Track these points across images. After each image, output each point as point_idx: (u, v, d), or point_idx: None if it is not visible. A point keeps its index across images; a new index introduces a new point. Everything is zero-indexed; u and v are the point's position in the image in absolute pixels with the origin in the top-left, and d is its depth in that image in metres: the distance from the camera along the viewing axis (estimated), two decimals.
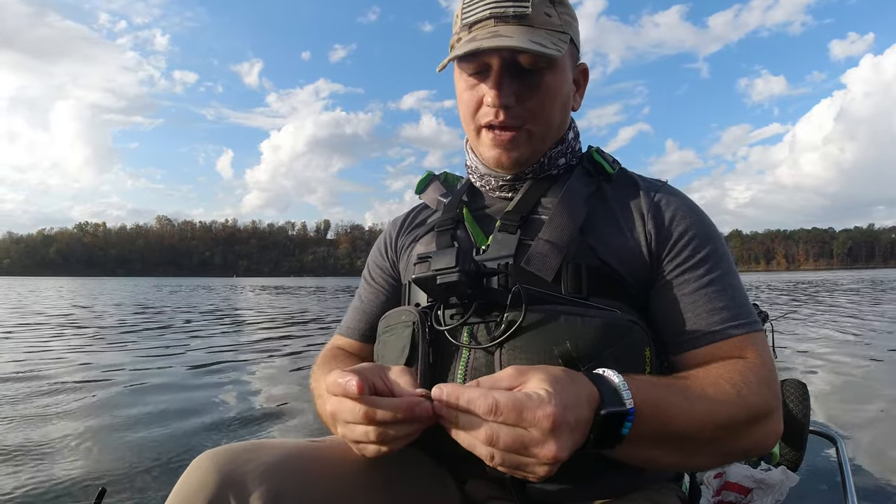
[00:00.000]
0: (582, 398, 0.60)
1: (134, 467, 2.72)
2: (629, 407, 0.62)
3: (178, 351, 7.00)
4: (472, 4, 0.88)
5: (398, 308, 0.92)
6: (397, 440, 0.66)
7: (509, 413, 0.56)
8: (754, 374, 0.75)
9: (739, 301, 0.84)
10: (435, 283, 0.77)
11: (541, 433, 0.55)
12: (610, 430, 0.62)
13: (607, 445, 0.63)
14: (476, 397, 0.57)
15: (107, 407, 3.97)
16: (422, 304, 0.89)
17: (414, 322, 0.84)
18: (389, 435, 0.65)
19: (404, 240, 1.08)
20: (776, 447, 1.45)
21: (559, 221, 0.86)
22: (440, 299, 0.84)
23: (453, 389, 0.59)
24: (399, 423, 0.64)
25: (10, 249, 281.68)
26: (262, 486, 0.66)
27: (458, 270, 0.75)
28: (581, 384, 0.62)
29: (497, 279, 0.81)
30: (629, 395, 0.63)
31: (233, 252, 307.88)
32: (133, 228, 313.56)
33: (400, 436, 0.65)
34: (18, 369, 5.43)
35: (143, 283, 59.89)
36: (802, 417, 1.43)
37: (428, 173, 1.14)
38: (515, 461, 0.58)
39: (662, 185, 0.96)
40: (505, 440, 0.56)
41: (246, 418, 3.76)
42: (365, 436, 0.66)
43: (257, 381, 5.12)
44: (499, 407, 0.56)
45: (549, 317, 0.75)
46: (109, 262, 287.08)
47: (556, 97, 0.89)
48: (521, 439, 0.56)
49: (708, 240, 0.87)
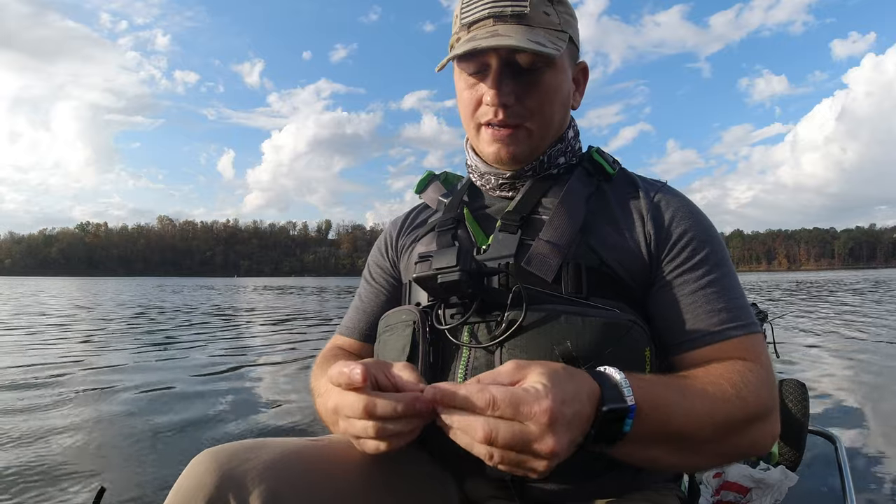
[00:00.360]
0: (581, 393, 0.60)
1: (133, 466, 2.73)
2: (630, 404, 0.62)
3: (179, 351, 7.01)
4: (471, 4, 0.88)
5: (399, 307, 0.92)
6: (397, 437, 0.65)
7: (506, 408, 0.56)
8: (753, 375, 0.76)
9: (738, 302, 0.84)
10: (436, 282, 0.77)
11: (538, 427, 0.55)
12: (611, 427, 0.62)
13: (608, 442, 0.64)
14: (473, 393, 0.57)
15: (106, 406, 3.97)
16: (422, 303, 0.89)
17: (414, 321, 0.84)
18: (389, 430, 0.64)
19: (405, 240, 1.08)
20: (775, 447, 1.46)
21: (559, 222, 0.87)
22: (441, 298, 0.84)
23: (450, 387, 0.59)
24: (399, 419, 0.64)
25: (12, 249, 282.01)
26: (261, 485, 0.66)
27: (459, 270, 0.75)
28: (581, 380, 0.62)
29: (498, 279, 0.82)
30: (630, 392, 0.63)
31: (234, 252, 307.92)
32: (134, 228, 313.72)
33: (399, 432, 0.64)
34: (18, 369, 5.44)
35: (145, 283, 59.82)
36: (801, 417, 1.43)
37: (428, 173, 1.14)
38: (514, 458, 0.58)
39: (662, 185, 0.96)
40: (504, 437, 0.56)
41: (246, 417, 3.77)
42: (364, 431, 0.65)
43: (257, 380, 5.12)
44: (496, 402, 0.56)
45: (549, 316, 0.75)
46: (111, 262, 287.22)
47: (555, 96, 0.90)
48: (519, 435, 0.56)
49: (707, 241, 0.88)
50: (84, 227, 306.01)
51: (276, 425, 3.63)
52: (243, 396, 4.43)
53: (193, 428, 3.46)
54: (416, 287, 0.89)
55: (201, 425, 3.53)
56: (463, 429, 0.58)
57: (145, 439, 3.18)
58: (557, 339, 0.73)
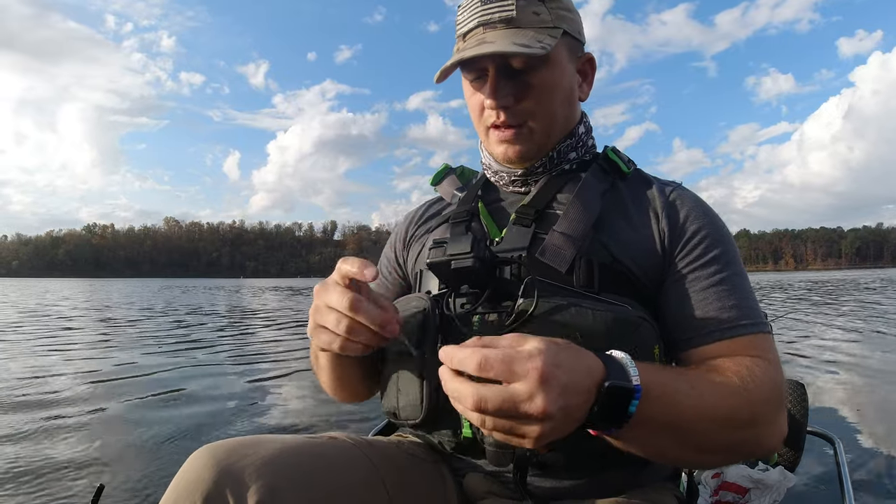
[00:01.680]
0: (580, 365, 0.60)
1: (132, 464, 2.73)
2: (636, 384, 0.61)
3: (179, 351, 7.04)
4: (463, 15, 0.91)
5: (410, 294, 0.92)
6: (355, 344, 0.71)
7: (498, 367, 0.56)
8: (761, 371, 0.75)
9: (749, 302, 0.84)
10: (449, 267, 0.78)
11: (528, 386, 0.55)
12: (616, 407, 0.61)
13: (613, 424, 0.62)
14: (466, 356, 0.57)
15: (106, 405, 3.99)
16: (433, 291, 0.90)
17: (425, 308, 0.84)
18: (355, 332, 0.70)
19: (416, 230, 1.09)
20: None
21: (574, 215, 0.87)
22: (452, 286, 0.85)
23: (447, 351, 0.60)
24: (367, 331, 0.70)
25: (19, 251, 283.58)
26: (258, 481, 0.66)
27: (473, 256, 0.76)
28: (582, 353, 0.61)
29: (510, 269, 0.82)
30: (636, 373, 0.62)
31: (240, 253, 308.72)
32: (141, 230, 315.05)
33: (361, 341, 0.71)
34: (18, 369, 5.47)
35: (152, 285, 60.09)
36: (801, 417, 1.44)
37: (445, 166, 1.15)
38: (506, 425, 0.57)
39: (677, 185, 0.97)
40: (493, 402, 0.55)
41: (245, 415, 3.79)
42: (336, 323, 0.70)
43: (258, 379, 5.14)
44: (488, 361, 0.56)
45: (560, 307, 0.76)
46: (118, 264, 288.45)
47: (553, 92, 0.90)
48: (509, 398, 0.55)
49: (720, 241, 0.88)
50: (91, 229, 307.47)
51: (275, 423, 3.64)
52: (244, 395, 4.44)
53: (193, 426, 3.48)
54: (428, 275, 0.90)
55: (201, 423, 3.55)
56: (456, 397, 0.59)
57: (144, 437, 3.20)
58: (567, 330, 0.73)
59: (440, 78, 0.89)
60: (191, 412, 3.85)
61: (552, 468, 0.81)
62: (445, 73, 0.88)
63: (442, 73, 0.88)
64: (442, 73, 0.88)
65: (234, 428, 3.52)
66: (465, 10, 0.90)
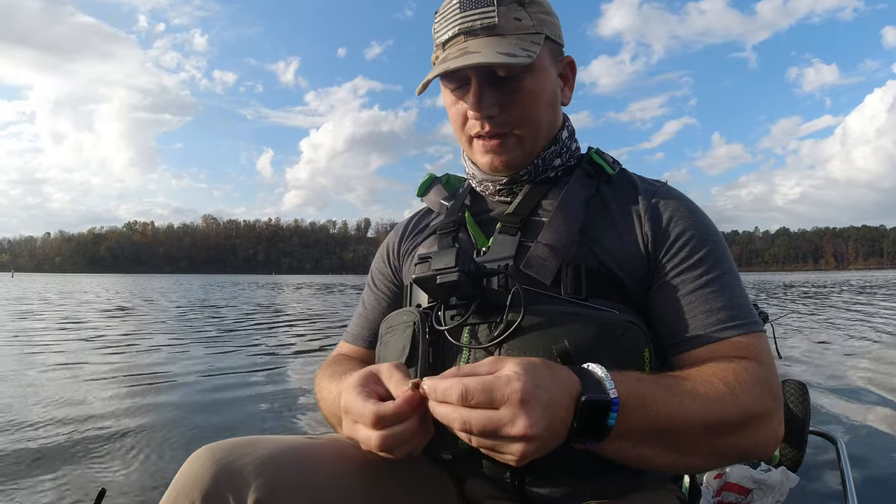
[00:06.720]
0: (558, 383, 0.61)
1: (134, 468, 2.74)
2: (613, 397, 0.62)
3: (180, 350, 6.96)
4: (442, 23, 0.89)
5: (400, 309, 0.93)
6: (401, 443, 0.67)
7: (480, 395, 0.58)
8: (749, 374, 0.75)
9: (738, 301, 0.83)
10: (435, 282, 0.77)
11: (510, 410, 0.57)
12: (595, 421, 0.62)
13: (594, 437, 0.64)
14: (448, 387, 0.59)
15: (106, 406, 3.95)
16: (423, 305, 0.90)
17: (415, 322, 0.84)
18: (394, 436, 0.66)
19: (407, 245, 1.09)
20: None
21: (557, 225, 0.87)
22: (440, 299, 0.84)
23: (432, 382, 0.62)
24: (404, 422, 0.66)
25: (62, 248, 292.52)
26: (257, 480, 0.66)
27: (458, 270, 0.75)
28: (559, 371, 0.63)
29: (497, 280, 0.82)
30: (612, 386, 0.63)
31: (276, 250, 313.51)
32: (180, 227, 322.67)
33: (402, 434, 0.66)
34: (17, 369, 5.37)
35: (193, 281, 60.44)
36: (802, 417, 1.43)
37: (429, 175, 1.15)
38: (491, 444, 0.60)
39: (661, 186, 0.95)
40: (477, 425, 0.58)
41: (245, 415, 3.80)
42: (367, 440, 0.68)
43: (258, 379, 5.10)
44: (469, 391, 0.58)
45: (547, 317, 0.76)
46: (157, 260, 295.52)
47: (538, 99, 0.89)
48: (490, 422, 0.57)
49: (706, 240, 0.87)
50: (132, 226, 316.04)
51: (275, 423, 3.64)
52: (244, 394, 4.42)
53: (195, 428, 3.45)
54: (417, 289, 0.90)
55: (202, 425, 3.53)
56: (444, 421, 0.61)
57: (145, 440, 3.17)
58: (556, 339, 0.73)
59: (422, 90, 0.87)
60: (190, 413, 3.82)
61: (551, 473, 0.81)
62: (427, 85, 0.87)
63: (423, 85, 0.86)
64: (423, 85, 0.86)
65: (233, 426, 3.54)
66: (444, 17, 0.89)
